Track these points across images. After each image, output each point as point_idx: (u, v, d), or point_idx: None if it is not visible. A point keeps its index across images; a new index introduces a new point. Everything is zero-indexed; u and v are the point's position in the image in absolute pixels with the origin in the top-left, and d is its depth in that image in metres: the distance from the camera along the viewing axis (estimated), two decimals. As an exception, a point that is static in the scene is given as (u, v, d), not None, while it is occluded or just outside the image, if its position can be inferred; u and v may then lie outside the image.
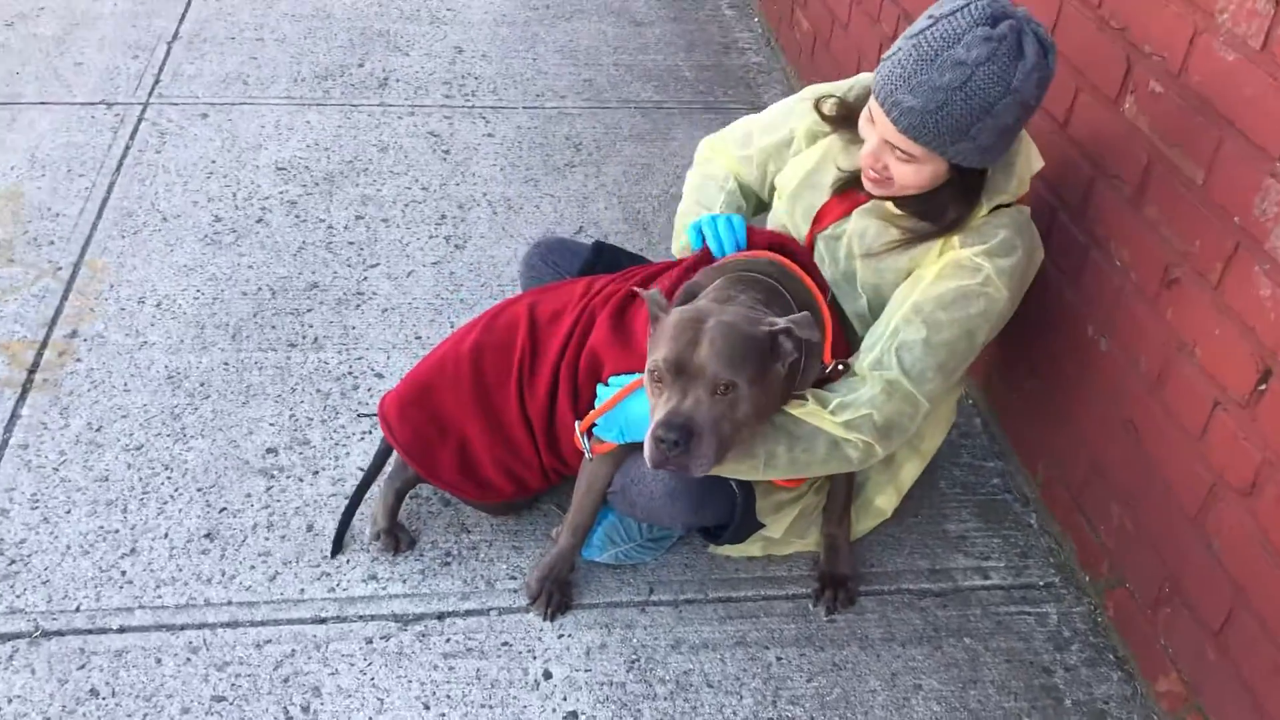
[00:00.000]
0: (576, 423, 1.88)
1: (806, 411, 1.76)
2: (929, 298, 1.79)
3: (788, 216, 2.03)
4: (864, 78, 2.02)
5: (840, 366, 1.83)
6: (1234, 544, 1.72)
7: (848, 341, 1.94)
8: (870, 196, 1.90)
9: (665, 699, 1.90)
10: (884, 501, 2.16)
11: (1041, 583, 2.16)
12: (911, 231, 1.85)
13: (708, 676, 1.94)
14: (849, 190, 1.96)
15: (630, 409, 1.83)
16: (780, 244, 1.95)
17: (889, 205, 1.89)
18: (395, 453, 2.07)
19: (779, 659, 1.98)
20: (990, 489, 2.36)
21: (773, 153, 2.11)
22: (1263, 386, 1.64)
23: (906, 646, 2.02)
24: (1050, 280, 2.16)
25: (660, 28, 4.18)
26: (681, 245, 2.14)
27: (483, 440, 1.99)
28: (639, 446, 1.73)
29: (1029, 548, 2.23)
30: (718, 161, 2.21)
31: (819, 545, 2.12)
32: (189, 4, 4.06)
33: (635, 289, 1.84)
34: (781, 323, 1.65)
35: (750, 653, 1.98)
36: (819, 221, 1.99)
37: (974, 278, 1.79)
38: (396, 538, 2.10)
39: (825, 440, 1.78)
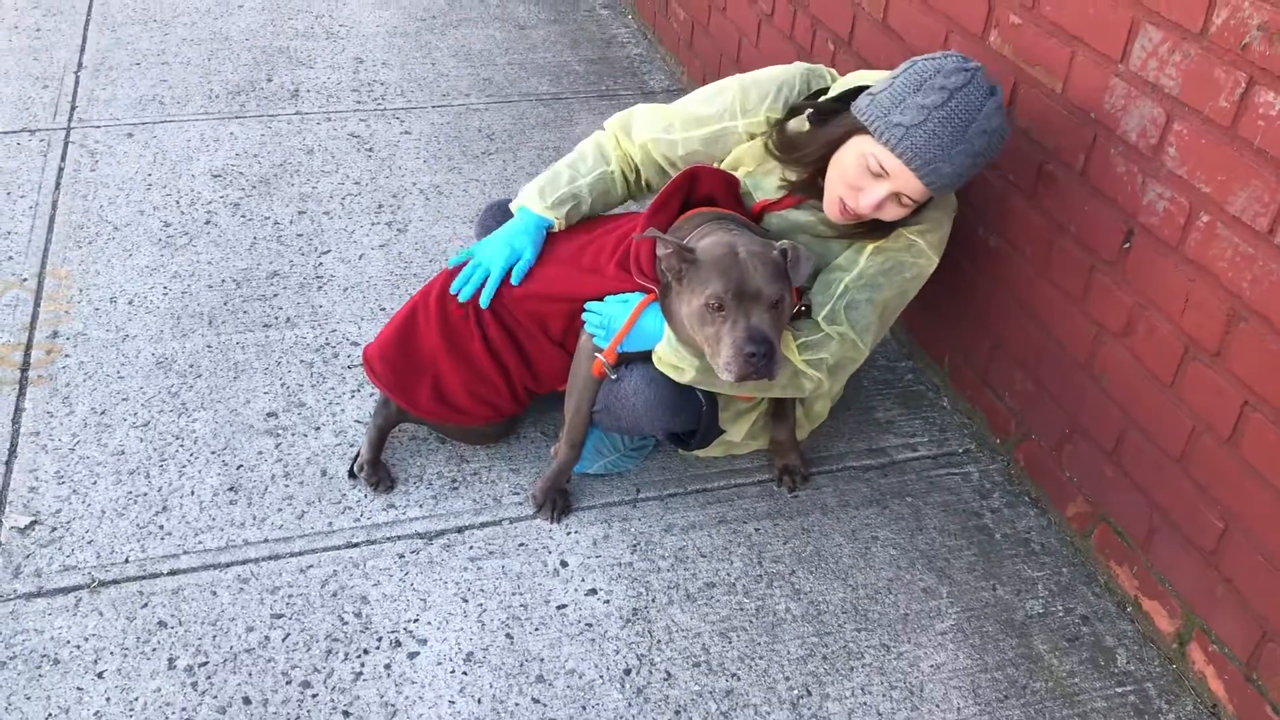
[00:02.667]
0: (598, 353, 2.15)
1: (783, 342, 2.08)
2: (874, 265, 2.13)
3: (747, 183, 2.29)
4: (786, 72, 2.25)
5: (803, 307, 2.16)
6: (1118, 378, 2.13)
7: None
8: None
9: (668, 570, 2.20)
10: (821, 407, 2.50)
11: (961, 450, 2.55)
12: (858, 237, 2.16)
13: (700, 549, 2.25)
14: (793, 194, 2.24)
15: (644, 325, 2.12)
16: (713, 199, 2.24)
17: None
18: (379, 391, 2.32)
19: (757, 530, 2.31)
20: (906, 383, 2.74)
21: (702, 145, 2.29)
22: (1127, 245, 2.05)
23: (860, 509, 2.37)
24: (941, 195, 2.55)
25: (544, 29, 4.49)
26: (515, 203, 2.33)
27: (454, 373, 2.26)
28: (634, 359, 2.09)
29: (945, 424, 2.62)
30: (615, 143, 2.37)
31: (767, 446, 2.45)
32: (85, 37, 4.18)
33: (656, 233, 2.02)
34: (786, 244, 1.97)
35: (732, 528, 2.31)
36: (770, 205, 2.26)
37: (910, 249, 2.15)
38: (379, 474, 2.34)
39: (789, 369, 2.11)
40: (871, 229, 2.14)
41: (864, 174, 2.02)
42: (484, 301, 2.23)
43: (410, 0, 4.67)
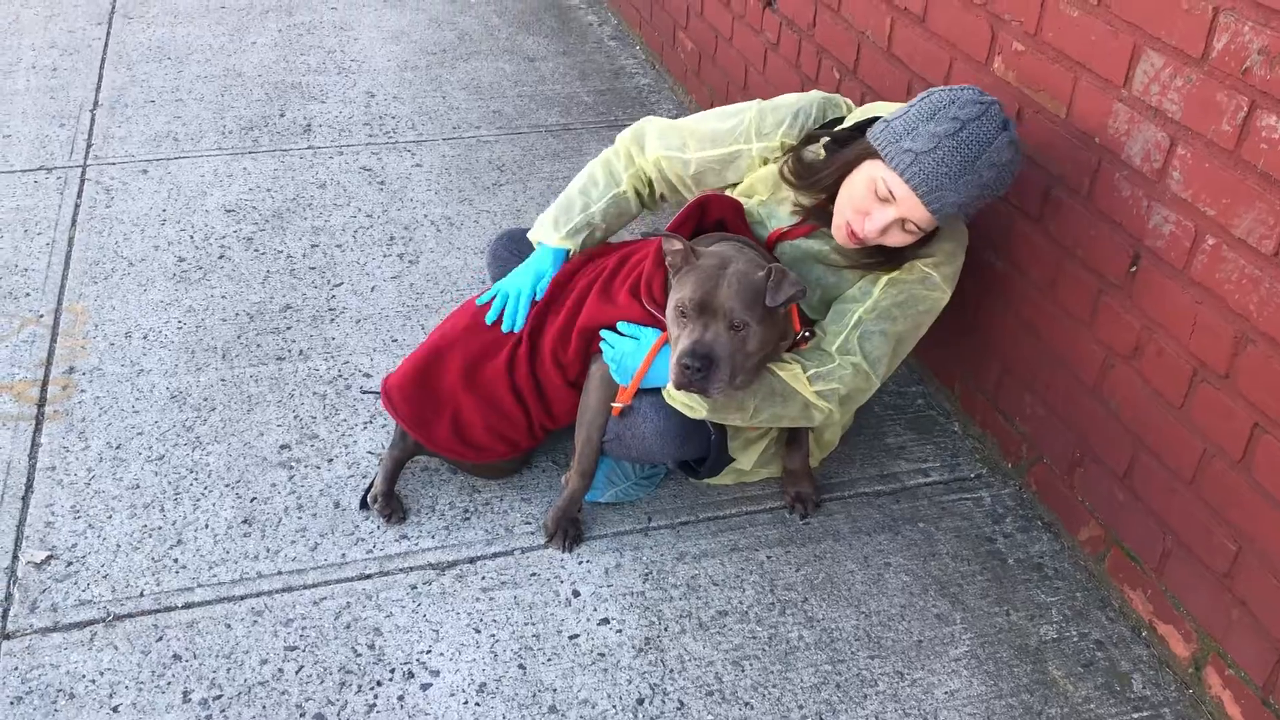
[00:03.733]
0: (615, 401, 2.18)
1: (791, 375, 2.09)
2: (888, 297, 2.14)
3: (760, 212, 2.30)
4: (806, 100, 2.24)
5: (807, 335, 2.17)
6: (1128, 401, 2.12)
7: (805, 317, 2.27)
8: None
9: (680, 599, 2.20)
10: (832, 435, 2.50)
11: (973, 475, 2.55)
12: (870, 267, 2.17)
13: (712, 578, 2.25)
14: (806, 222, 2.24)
15: (660, 364, 2.13)
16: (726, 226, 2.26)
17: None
18: (397, 424, 2.34)
19: (769, 557, 2.31)
20: (916, 408, 2.74)
21: (715, 165, 2.32)
22: (1134, 268, 2.05)
23: (872, 535, 2.37)
24: (948, 221, 2.56)
25: (552, 62, 4.54)
26: (532, 234, 2.40)
27: (476, 411, 2.28)
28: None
29: (957, 449, 2.62)
30: (628, 159, 2.38)
31: (782, 473, 2.45)
32: (101, 75, 4.24)
33: (666, 233, 2.08)
34: (774, 266, 1.97)
35: (744, 555, 2.31)
36: (784, 234, 2.26)
37: (924, 282, 2.15)
38: (391, 506, 2.35)
39: (799, 401, 2.11)
40: (884, 259, 2.15)
41: (871, 198, 2.03)
42: (518, 325, 2.28)
43: (421, 35, 4.73)
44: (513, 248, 2.59)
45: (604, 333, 2.19)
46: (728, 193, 2.29)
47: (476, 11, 5.01)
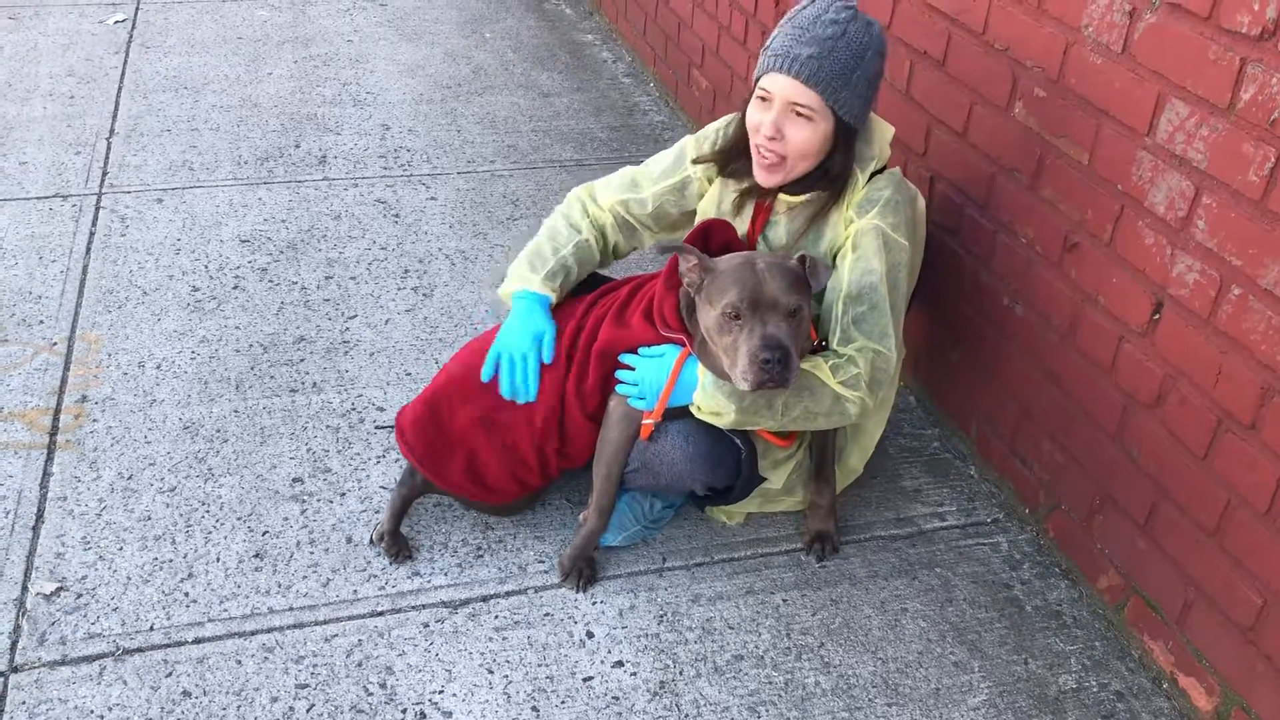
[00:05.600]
0: (646, 419, 2.17)
1: (813, 366, 2.09)
2: (854, 274, 2.15)
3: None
4: (723, 119, 2.39)
5: (821, 344, 2.17)
6: (1150, 449, 2.11)
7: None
8: (769, 200, 2.25)
9: (695, 642, 2.18)
10: (855, 460, 2.49)
11: (989, 520, 2.53)
12: (818, 207, 2.21)
13: (727, 621, 2.23)
14: (756, 204, 2.30)
15: (685, 379, 2.13)
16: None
17: (791, 199, 2.23)
18: (408, 462, 2.32)
19: (784, 601, 2.28)
20: (932, 451, 2.73)
21: (671, 195, 2.43)
22: (1157, 316, 2.05)
23: (889, 580, 2.35)
24: (965, 264, 2.56)
25: (567, 98, 4.55)
26: (504, 289, 2.39)
27: (490, 451, 2.26)
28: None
29: (973, 493, 2.60)
30: (582, 210, 2.47)
31: (803, 505, 2.44)
32: (118, 103, 4.25)
33: (682, 245, 2.10)
34: (802, 253, 2.03)
35: (759, 598, 2.28)
36: (750, 234, 2.33)
37: (877, 240, 2.16)
38: (398, 544, 2.33)
39: (829, 394, 2.10)
40: (823, 192, 2.20)
41: (759, 107, 2.16)
42: (533, 394, 2.25)
43: (436, 68, 4.75)
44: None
45: (623, 357, 2.18)
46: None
47: (492, 46, 5.04)
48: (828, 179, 2.20)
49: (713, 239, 2.21)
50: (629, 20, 5.01)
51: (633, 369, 2.17)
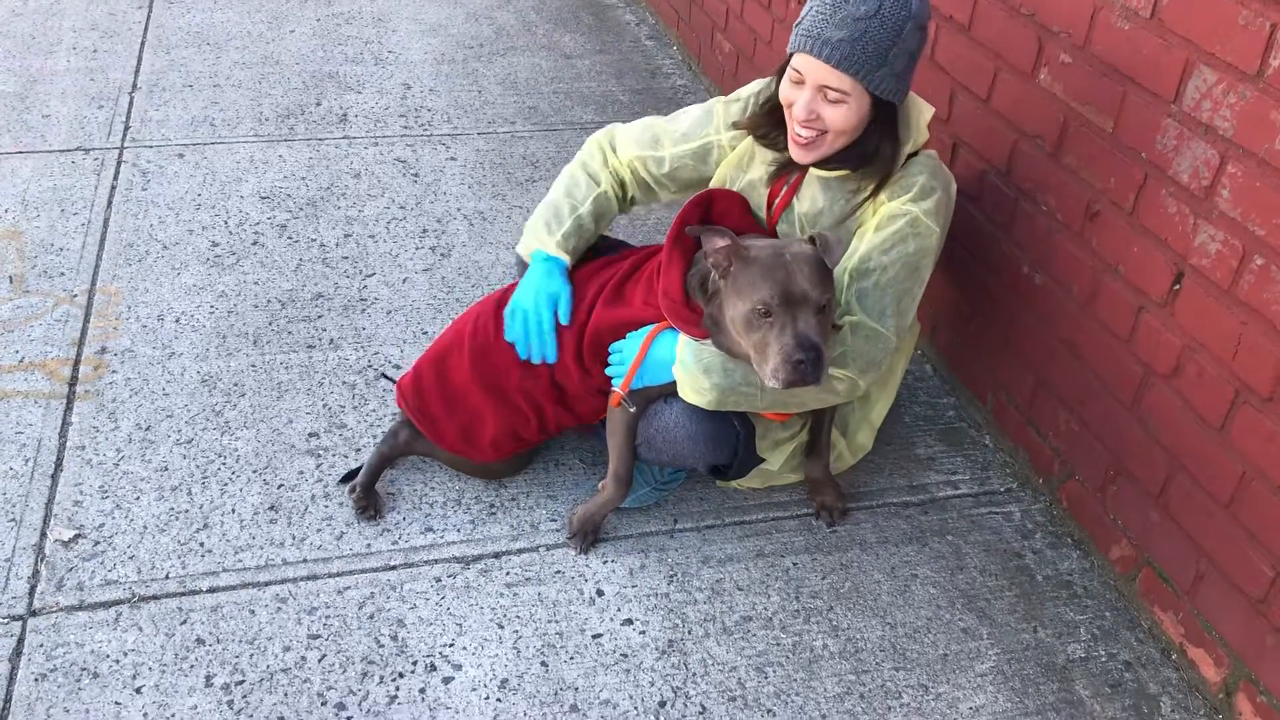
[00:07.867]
0: (615, 388, 2.16)
1: None
2: (872, 247, 2.12)
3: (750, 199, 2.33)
4: (756, 85, 2.33)
5: (838, 324, 2.15)
6: (1166, 420, 2.10)
7: None
8: (800, 173, 2.21)
9: (704, 602, 2.19)
10: (864, 438, 2.48)
11: (1003, 489, 2.52)
12: (854, 190, 2.16)
13: (737, 582, 2.24)
14: (783, 175, 2.26)
15: (655, 355, 2.13)
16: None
17: (824, 174, 2.19)
18: (397, 418, 2.33)
19: (794, 564, 2.29)
20: (947, 420, 2.72)
21: (690, 159, 2.37)
22: (1177, 286, 2.03)
23: (899, 546, 2.35)
24: (985, 231, 2.54)
25: (589, 59, 4.53)
26: (523, 247, 2.37)
27: (491, 410, 2.26)
28: (661, 394, 2.11)
29: (987, 463, 2.60)
30: (603, 160, 2.43)
31: (806, 483, 2.43)
32: (140, 58, 4.26)
33: (710, 227, 2.03)
34: (813, 233, 1.97)
35: (769, 561, 2.29)
36: (772, 210, 2.28)
37: (905, 222, 2.12)
38: (369, 500, 2.33)
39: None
40: (862, 179, 2.15)
41: (792, 86, 2.08)
42: (550, 357, 2.24)
43: (458, 29, 4.73)
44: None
45: (613, 346, 2.18)
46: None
47: (514, 7, 5.01)
48: (862, 154, 2.14)
49: (715, 208, 2.19)
50: (653, -17, 4.97)
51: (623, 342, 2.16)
